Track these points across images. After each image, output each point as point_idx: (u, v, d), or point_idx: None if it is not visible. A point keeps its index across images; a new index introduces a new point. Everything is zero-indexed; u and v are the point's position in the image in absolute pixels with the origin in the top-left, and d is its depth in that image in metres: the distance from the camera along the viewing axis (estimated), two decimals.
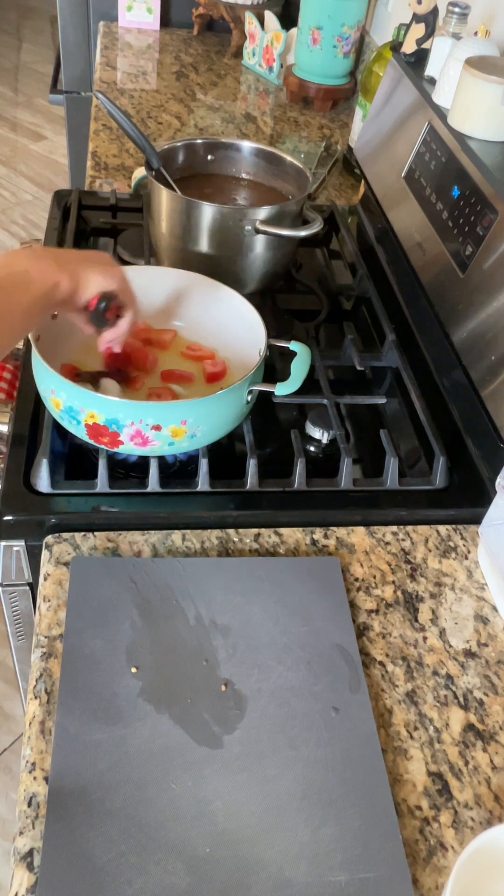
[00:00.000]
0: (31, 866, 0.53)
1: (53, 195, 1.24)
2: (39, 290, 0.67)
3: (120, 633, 0.65)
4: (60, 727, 0.59)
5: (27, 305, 0.66)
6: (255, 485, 0.80)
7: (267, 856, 0.54)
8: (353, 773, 0.59)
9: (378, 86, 1.23)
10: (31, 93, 3.91)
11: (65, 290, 0.70)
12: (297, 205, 1.00)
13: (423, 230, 1.00)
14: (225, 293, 0.88)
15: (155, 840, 0.54)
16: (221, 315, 0.90)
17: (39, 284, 0.67)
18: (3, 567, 0.80)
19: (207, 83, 1.78)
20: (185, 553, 0.75)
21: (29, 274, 0.67)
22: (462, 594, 0.75)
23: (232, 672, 0.64)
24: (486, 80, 0.89)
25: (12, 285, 0.66)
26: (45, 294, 0.68)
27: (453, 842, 0.58)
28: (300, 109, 1.71)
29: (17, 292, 0.66)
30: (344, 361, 0.98)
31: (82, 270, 0.71)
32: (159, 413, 0.73)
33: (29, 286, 0.67)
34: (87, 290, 0.72)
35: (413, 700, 0.66)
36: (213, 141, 1.11)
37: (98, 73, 1.75)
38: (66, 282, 0.70)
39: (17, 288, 0.66)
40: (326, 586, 0.72)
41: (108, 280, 0.73)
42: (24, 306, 0.66)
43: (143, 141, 0.99)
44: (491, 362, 0.82)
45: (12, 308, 0.65)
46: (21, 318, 0.66)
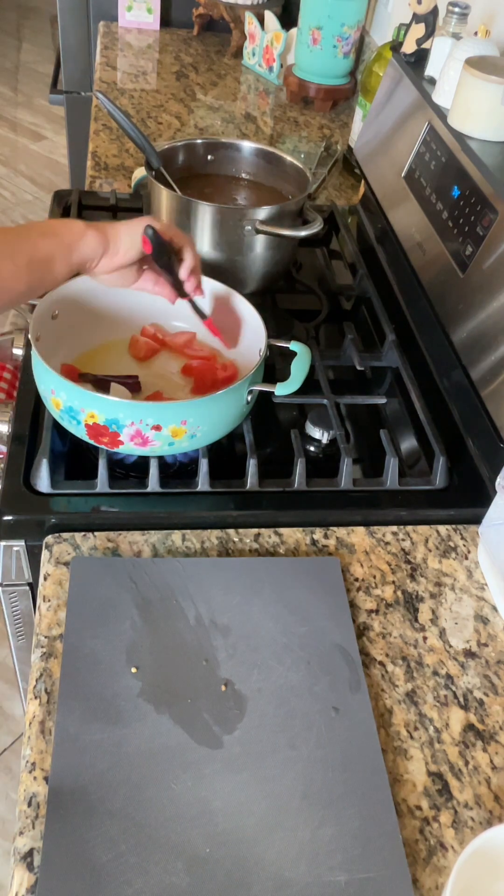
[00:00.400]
0: (31, 866, 0.53)
1: (53, 195, 1.24)
2: (64, 240, 0.71)
3: (120, 633, 0.65)
4: (60, 727, 0.59)
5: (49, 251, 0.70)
6: (255, 485, 0.80)
7: (267, 856, 0.54)
8: (353, 773, 0.59)
9: (378, 86, 1.23)
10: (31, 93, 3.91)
11: (92, 244, 0.73)
12: (297, 205, 1.00)
13: (423, 230, 1.00)
14: (225, 293, 0.88)
15: (155, 840, 0.54)
16: (221, 315, 0.90)
17: (64, 234, 0.72)
18: (3, 567, 0.80)
19: (207, 83, 1.78)
20: (185, 553, 0.75)
21: (54, 227, 0.72)
22: (462, 594, 0.75)
23: (232, 672, 0.64)
24: (486, 80, 0.89)
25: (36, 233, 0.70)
26: (70, 244, 0.72)
27: (453, 842, 0.58)
28: (300, 109, 1.71)
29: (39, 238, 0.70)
30: (344, 361, 0.98)
31: (113, 227, 0.75)
32: (159, 413, 0.73)
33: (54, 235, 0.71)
34: (120, 240, 0.75)
35: (413, 700, 0.66)
36: (213, 141, 1.11)
37: (98, 73, 1.75)
38: (92, 236, 0.73)
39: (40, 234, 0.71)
40: (326, 586, 0.72)
41: (136, 223, 0.76)
42: (46, 251, 0.70)
43: (143, 141, 0.99)
44: (491, 362, 0.82)
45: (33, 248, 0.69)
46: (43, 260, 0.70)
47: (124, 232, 0.75)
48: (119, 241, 0.75)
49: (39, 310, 0.80)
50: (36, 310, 0.80)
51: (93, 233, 0.73)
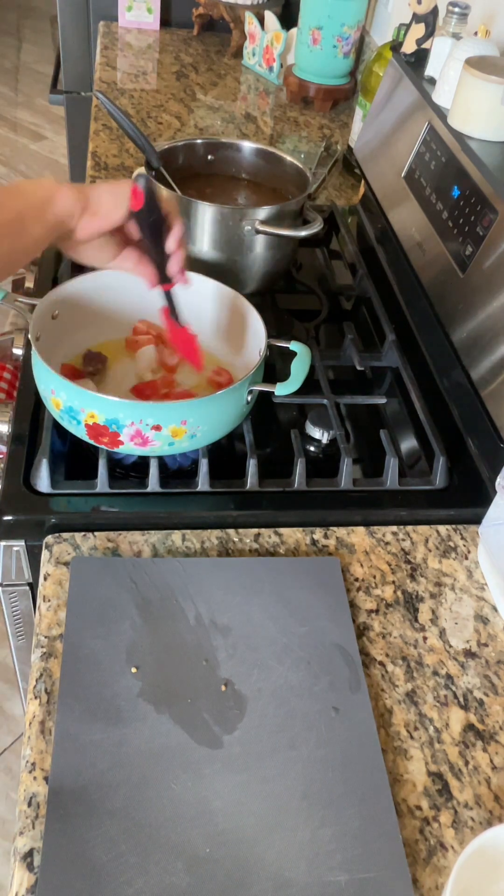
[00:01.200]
0: (31, 866, 0.53)
1: None
2: (33, 199, 0.66)
3: (120, 633, 0.65)
4: (60, 727, 0.59)
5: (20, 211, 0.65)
6: (255, 485, 0.80)
7: (267, 856, 0.54)
8: (353, 773, 0.59)
9: (378, 86, 1.23)
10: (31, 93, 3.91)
11: (67, 202, 0.67)
12: (297, 205, 1.00)
13: (423, 230, 1.00)
14: (225, 293, 0.88)
15: (155, 840, 0.54)
16: (221, 315, 0.90)
17: (33, 193, 0.66)
18: (3, 567, 0.80)
19: (207, 83, 1.78)
20: (185, 553, 0.75)
21: (22, 186, 0.66)
22: (462, 594, 0.75)
23: (232, 672, 0.64)
24: (486, 80, 0.89)
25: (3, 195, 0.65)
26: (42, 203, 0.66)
27: (453, 842, 0.58)
28: (300, 109, 1.71)
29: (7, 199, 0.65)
30: (344, 361, 0.98)
31: (87, 187, 0.69)
32: (159, 413, 0.73)
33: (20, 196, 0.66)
34: (101, 200, 0.69)
35: (413, 700, 0.66)
36: (213, 141, 1.11)
37: (98, 73, 1.75)
38: (66, 194, 0.67)
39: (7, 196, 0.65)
40: (326, 586, 0.72)
41: (120, 182, 0.70)
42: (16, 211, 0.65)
43: (143, 141, 0.99)
44: (491, 362, 0.82)
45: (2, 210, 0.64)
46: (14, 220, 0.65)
47: (106, 190, 0.70)
48: (100, 199, 0.69)
49: (39, 310, 0.80)
50: (36, 310, 0.80)
51: (67, 188, 0.67)
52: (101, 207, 0.69)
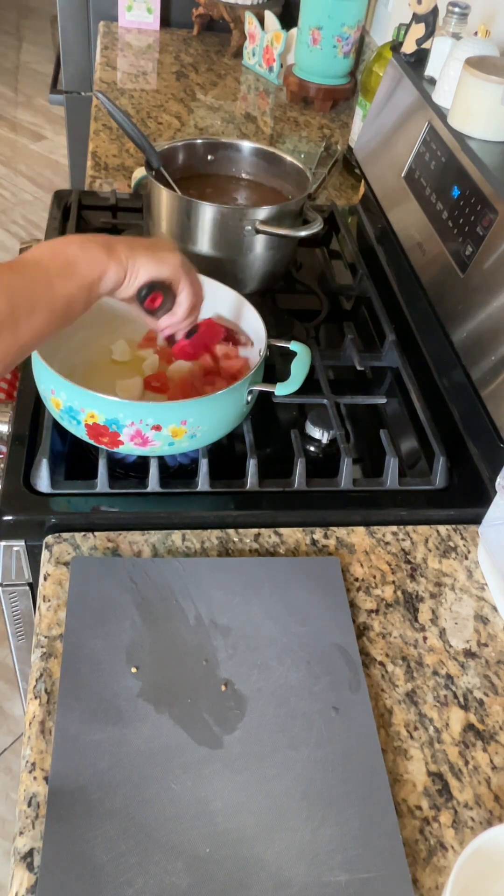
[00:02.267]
0: (31, 866, 0.53)
1: (53, 195, 1.24)
2: (85, 280, 0.65)
3: (120, 633, 0.65)
4: (60, 727, 0.59)
5: (70, 294, 0.64)
6: (255, 485, 0.80)
7: (267, 856, 0.54)
8: (353, 773, 0.59)
9: (378, 86, 1.23)
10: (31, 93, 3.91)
11: (112, 280, 0.67)
12: (297, 205, 1.00)
13: (423, 230, 1.00)
14: (225, 293, 0.88)
15: (155, 840, 0.54)
16: (222, 315, 0.89)
17: (86, 273, 0.65)
18: (3, 567, 0.80)
19: (207, 83, 1.78)
20: (185, 553, 0.75)
21: (76, 263, 0.65)
22: (462, 594, 0.75)
23: (232, 672, 0.64)
24: (486, 80, 0.89)
25: (57, 271, 0.63)
26: (91, 284, 0.66)
27: (453, 842, 0.58)
28: (300, 109, 1.71)
29: (62, 279, 0.63)
30: (344, 361, 0.98)
31: (132, 257, 0.69)
32: (159, 413, 0.73)
33: (74, 274, 0.64)
34: (137, 278, 0.69)
35: (413, 700, 0.66)
36: (213, 141, 1.11)
37: (98, 73, 1.75)
38: (114, 270, 0.67)
39: (61, 274, 0.63)
40: (326, 586, 0.72)
41: (160, 267, 0.70)
42: (67, 295, 0.64)
43: (143, 141, 0.99)
44: (491, 362, 0.82)
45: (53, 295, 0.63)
46: (63, 305, 0.63)
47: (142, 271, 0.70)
48: (137, 274, 0.69)
49: None
50: None
51: (114, 266, 0.67)
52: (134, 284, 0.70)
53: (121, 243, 0.69)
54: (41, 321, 0.62)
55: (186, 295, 0.74)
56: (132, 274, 0.69)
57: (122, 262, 0.68)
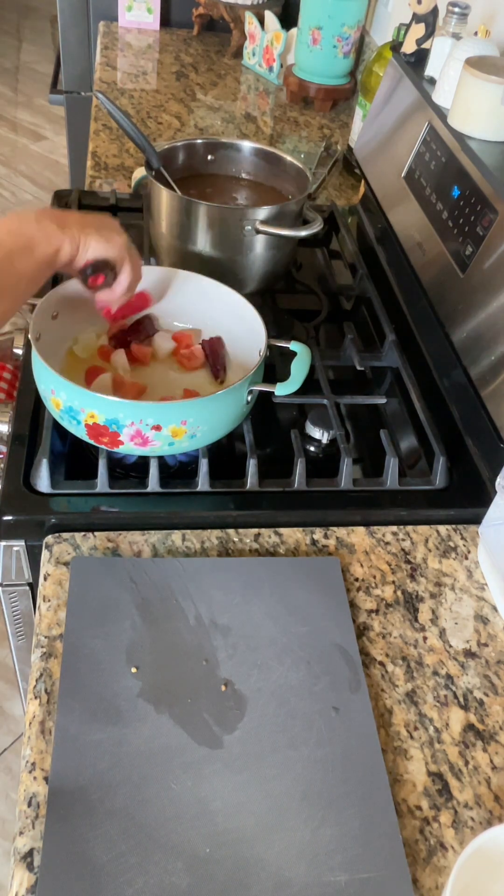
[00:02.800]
0: (31, 866, 0.53)
1: (53, 195, 1.24)
2: (43, 255, 0.70)
3: (120, 633, 0.65)
4: (60, 727, 0.59)
5: (31, 270, 0.69)
6: (255, 485, 0.80)
7: (267, 856, 0.54)
8: (353, 773, 0.59)
9: (378, 86, 1.23)
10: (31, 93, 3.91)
11: (66, 255, 0.72)
12: (297, 205, 1.00)
13: (423, 230, 1.00)
14: (225, 293, 0.88)
15: (155, 840, 0.54)
16: (221, 315, 0.90)
17: (43, 249, 0.70)
18: (3, 567, 0.80)
19: (207, 83, 1.78)
20: (185, 553, 0.75)
21: (33, 239, 0.69)
22: (462, 594, 0.75)
23: (232, 672, 0.64)
24: (486, 80, 0.89)
25: (18, 251, 0.68)
26: (48, 259, 0.71)
27: (453, 842, 0.58)
28: (300, 109, 1.71)
29: (22, 258, 0.68)
30: (344, 361, 0.98)
31: (84, 234, 0.73)
32: (159, 413, 0.73)
33: (33, 251, 0.69)
34: (86, 255, 0.74)
35: (413, 700, 0.66)
36: (213, 141, 1.11)
37: (98, 73, 1.75)
38: (68, 246, 0.72)
39: (22, 253, 0.68)
40: (326, 586, 0.72)
41: (107, 247, 0.75)
42: (29, 271, 0.69)
43: (143, 141, 0.99)
44: (491, 362, 0.82)
45: (17, 273, 0.68)
46: (26, 282, 0.69)
47: (94, 245, 0.74)
48: (87, 251, 0.74)
49: (39, 310, 0.80)
50: (36, 310, 0.80)
51: (68, 243, 0.72)
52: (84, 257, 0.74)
53: (72, 219, 0.74)
54: (8, 300, 0.67)
55: (127, 275, 0.78)
56: (83, 250, 0.74)
57: (74, 238, 0.72)
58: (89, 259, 0.74)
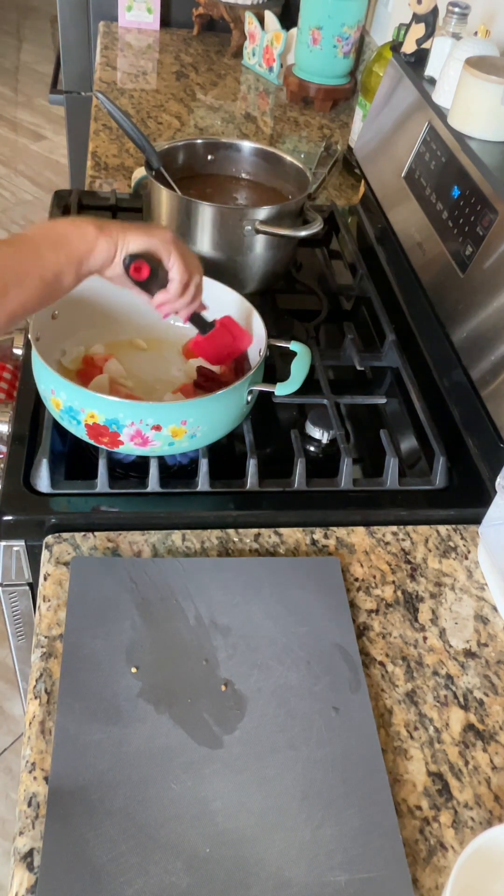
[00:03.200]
0: (31, 866, 0.53)
1: (53, 195, 1.24)
2: (75, 252, 0.67)
3: (120, 633, 0.65)
4: (60, 727, 0.59)
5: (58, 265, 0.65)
6: (255, 485, 0.80)
7: (267, 856, 0.54)
8: (353, 773, 0.59)
9: (378, 86, 1.23)
10: (31, 93, 3.91)
11: (102, 255, 0.69)
12: (297, 205, 1.00)
13: (423, 230, 1.00)
14: (225, 293, 0.88)
15: (155, 840, 0.54)
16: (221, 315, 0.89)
17: (76, 245, 0.67)
18: (3, 567, 0.80)
19: (207, 83, 1.78)
20: (185, 553, 0.75)
21: (66, 237, 0.67)
22: (462, 594, 0.75)
23: (232, 672, 0.64)
24: (486, 80, 0.89)
25: (47, 244, 0.65)
26: (80, 257, 0.67)
27: (453, 842, 0.58)
28: (300, 109, 1.71)
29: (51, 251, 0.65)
30: (344, 361, 0.98)
31: (123, 234, 0.70)
32: (159, 413, 0.73)
33: (64, 247, 0.66)
34: (129, 248, 0.70)
35: (413, 700, 0.66)
36: (213, 141, 1.11)
37: (98, 73, 1.75)
38: (104, 246, 0.68)
39: (51, 247, 0.65)
40: (326, 586, 0.72)
41: (148, 240, 0.71)
42: (57, 266, 0.65)
43: (143, 141, 0.99)
44: (491, 362, 0.82)
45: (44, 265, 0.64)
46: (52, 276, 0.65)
47: (134, 239, 0.71)
48: (127, 249, 0.70)
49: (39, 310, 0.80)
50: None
51: (104, 241, 0.68)
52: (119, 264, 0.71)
53: (114, 223, 0.70)
54: (30, 291, 0.64)
55: (178, 269, 0.74)
56: (122, 249, 0.70)
57: (111, 238, 0.69)
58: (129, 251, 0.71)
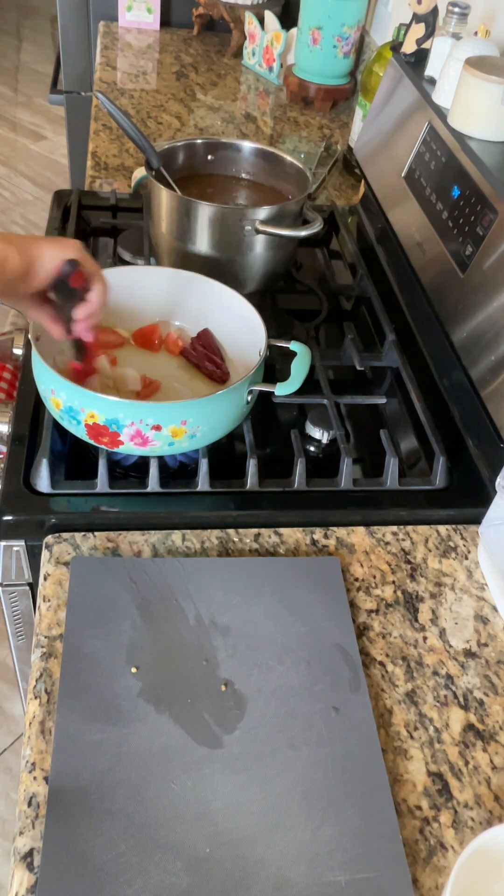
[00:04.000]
0: (31, 866, 0.53)
1: (53, 195, 1.24)
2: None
3: (120, 633, 0.65)
4: (60, 727, 0.59)
5: None
6: (255, 485, 0.80)
7: (267, 856, 0.54)
8: (353, 773, 0.59)
9: (378, 86, 1.23)
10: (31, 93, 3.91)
11: (14, 266, 0.67)
12: (297, 205, 1.00)
13: (423, 230, 1.00)
14: (225, 293, 0.88)
15: (155, 840, 0.54)
16: (221, 315, 0.90)
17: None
18: (3, 567, 0.80)
19: (207, 83, 1.78)
20: (185, 553, 0.75)
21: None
22: (462, 594, 0.75)
23: (232, 672, 0.64)
24: (486, 80, 0.89)
25: None
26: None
27: (453, 842, 0.58)
28: (300, 109, 1.71)
29: None
30: (344, 361, 0.98)
31: (33, 245, 0.69)
32: (159, 413, 0.73)
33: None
34: (42, 264, 0.69)
35: (413, 700, 0.66)
36: (213, 141, 1.11)
37: (98, 73, 1.75)
38: (15, 256, 0.67)
39: None
40: (326, 586, 0.72)
41: (65, 249, 0.70)
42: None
43: (143, 141, 0.99)
44: (491, 362, 0.82)
45: None
46: None
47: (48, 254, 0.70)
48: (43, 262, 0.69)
49: None
50: None
51: (12, 252, 0.67)
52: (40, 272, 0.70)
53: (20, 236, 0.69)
54: None
55: (100, 279, 0.73)
56: (37, 260, 0.69)
57: (22, 249, 0.68)
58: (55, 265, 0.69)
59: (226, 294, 0.88)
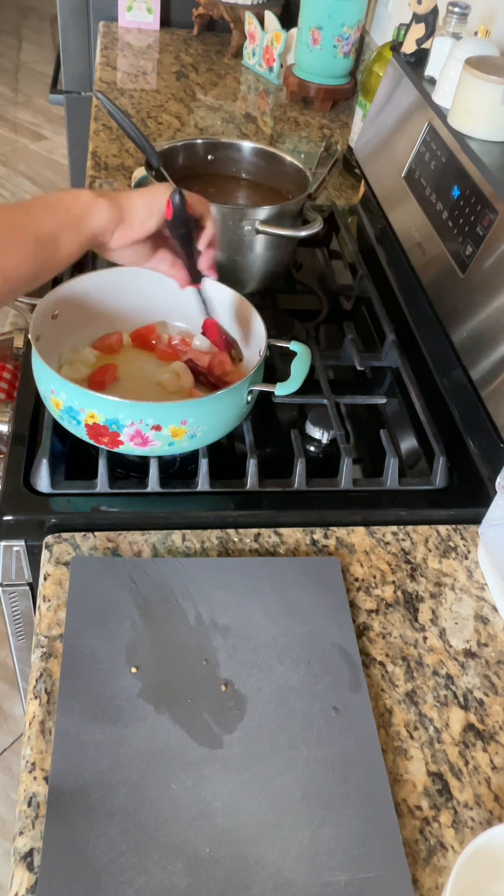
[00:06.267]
0: (31, 866, 0.53)
1: None
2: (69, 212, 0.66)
3: (120, 633, 0.65)
4: (60, 727, 0.59)
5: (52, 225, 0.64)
6: (255, 485, 0.80)
7: (267, 856, 0.54)
8: (353, 773, 0.59)
9: (378, 86, 1.23)
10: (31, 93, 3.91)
11: (104, 216, 0.68)
12: (297, 205, 1.00)
13: (423, 230, 1.00)
14: (225, 293, 0.88)
15: (155, 840, 0.54)
16: (221, 315, 0.89)
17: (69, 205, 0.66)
18: (3, 567, 0.80)
19: (207, 83, 1.77)
20: (185, 553, 0.75)
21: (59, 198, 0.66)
22: (462, 594, 0.75)
23: (232, 672, 0.64)
24: (486, 80, 0.89)
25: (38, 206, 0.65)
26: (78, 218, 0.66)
27: (453, 842, 0.58)
28: (300, 109, 1.71)
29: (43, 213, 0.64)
30: (344, 361, 0.98)
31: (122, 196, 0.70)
32: (159, 413, 0.73)
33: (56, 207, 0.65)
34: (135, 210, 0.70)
35: (413, 700, 0.66)
36: (213, 141, 1.11)
37: (98, 73, 1.75)
38: (104, 206, 0.68)
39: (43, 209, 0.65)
40: (326, 586, 0.72)
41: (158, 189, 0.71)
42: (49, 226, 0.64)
43: (143, 141, 0.99)
44: (491, 362, 0.82)
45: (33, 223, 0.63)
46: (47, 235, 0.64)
47: (140, 201, 0.70)
48: (134, 211, 0.70)
49: (39, 310, 0.80)
50: (36, 310, 0.80)
51: (104, 202, 0.67)
52: (135, 219, 0.70)
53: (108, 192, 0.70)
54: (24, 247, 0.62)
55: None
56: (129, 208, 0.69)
57: (114, 199, 0.68)
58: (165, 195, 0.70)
59: (226, 294, 0.88)
